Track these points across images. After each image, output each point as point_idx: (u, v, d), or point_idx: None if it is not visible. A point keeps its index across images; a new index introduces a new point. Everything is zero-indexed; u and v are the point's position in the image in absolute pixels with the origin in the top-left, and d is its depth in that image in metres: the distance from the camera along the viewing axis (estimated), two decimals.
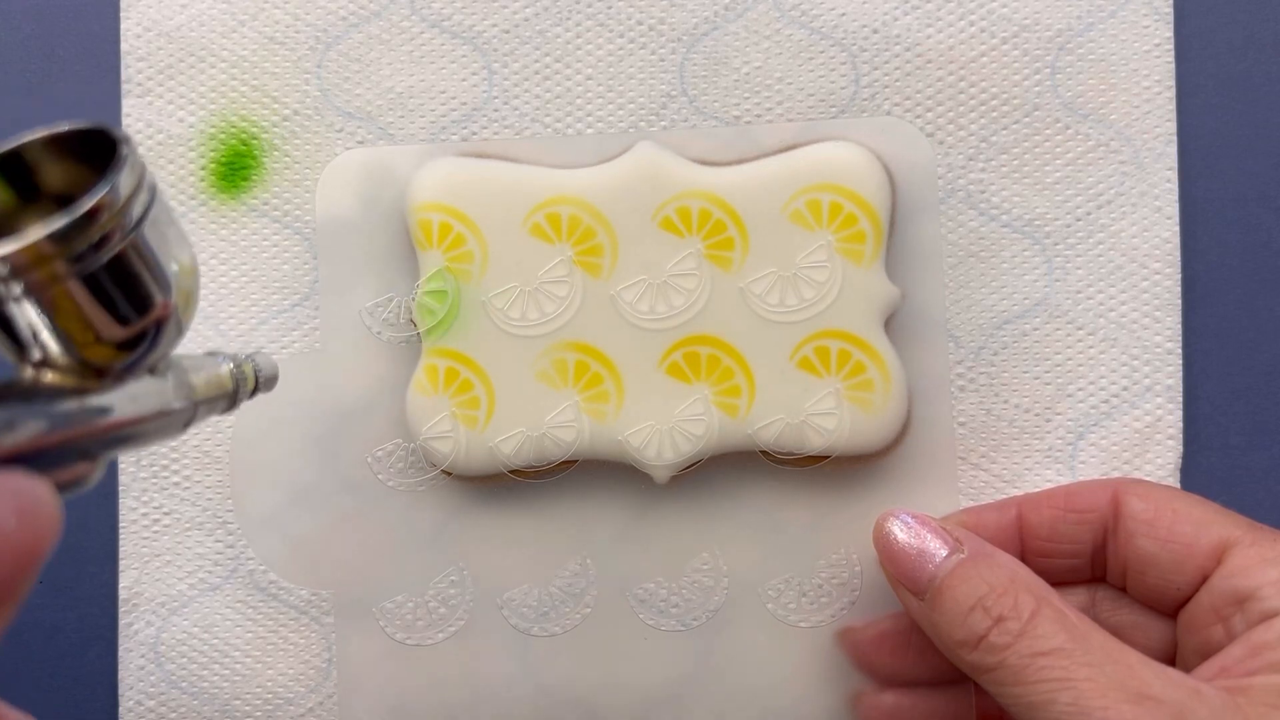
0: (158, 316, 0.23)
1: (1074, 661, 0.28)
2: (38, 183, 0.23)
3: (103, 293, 0.21)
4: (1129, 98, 0.36)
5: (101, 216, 0.21)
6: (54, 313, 0.21)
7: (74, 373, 0.22)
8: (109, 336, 0.22)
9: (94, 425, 0.22)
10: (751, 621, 0.37)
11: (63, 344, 0.21)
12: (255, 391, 0.28)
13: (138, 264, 0.22)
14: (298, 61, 0.38)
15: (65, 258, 0.20)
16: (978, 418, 0.37)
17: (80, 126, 0.22)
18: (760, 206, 0.35)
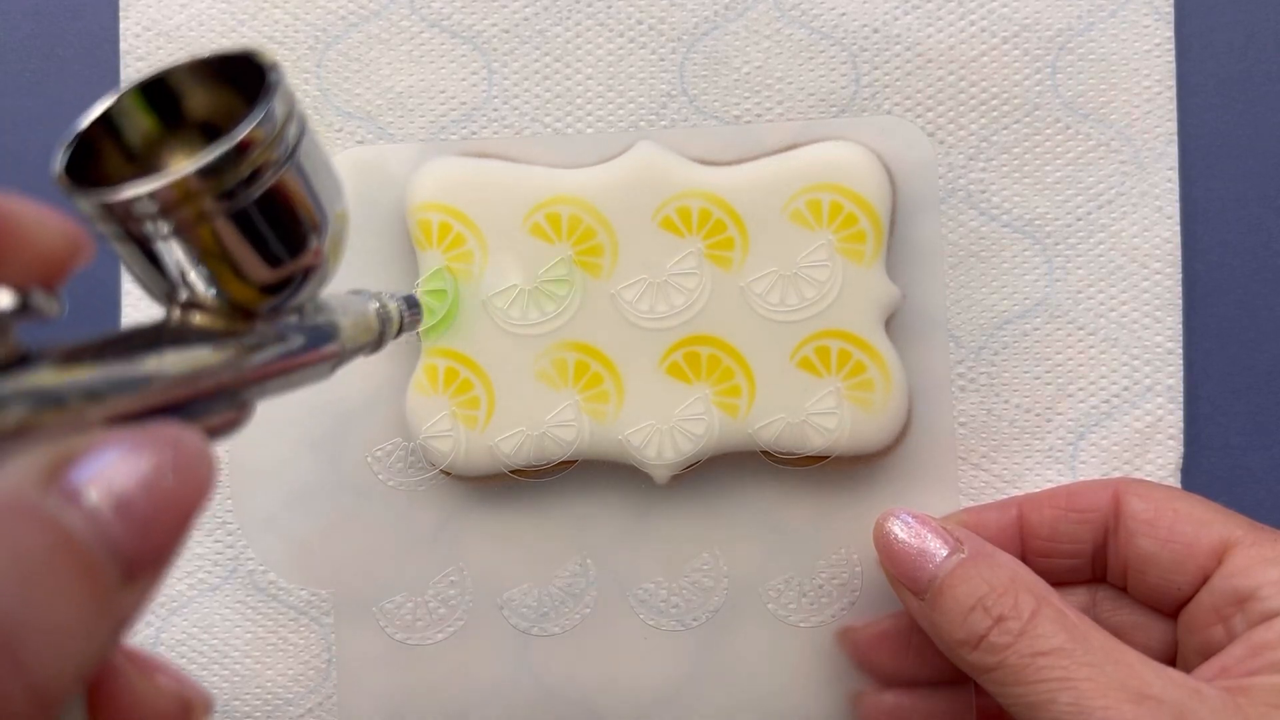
0: (308, 262, 0.22)
1: (1074, 661, 0.28)
2: (183, 110, 0.21)
3: (254, 231, 0.20)
4: (1130, 97, 0.36)
5: (254, 149, 0.19)
6: (202, 252, 0.20)
7: (222, 314, 0.21)
8: (258, 278, 0.21)
9: (244, 370, 0.21)
10: (752, 622, 0.37)
11: (211, 284, 0.20)
12: (400, 331, 0.27)
13: (290, 200, 0.21)
14: (297, 61, 0.38)
15: (215, 194, 0.19)
16: (978, 418, 0.37)
17: (227, 52, 0.21)
18: (760, 206, 0.35)
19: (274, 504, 0.37)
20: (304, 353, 0.23)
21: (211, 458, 0.18)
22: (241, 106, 0.21)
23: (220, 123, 0.21)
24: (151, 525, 0.17)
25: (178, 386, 0.19)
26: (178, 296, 0.21)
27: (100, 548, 0.16)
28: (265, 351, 0.21)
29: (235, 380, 0.21)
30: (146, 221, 0.19)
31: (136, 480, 0.16)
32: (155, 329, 0.20)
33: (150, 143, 0.21)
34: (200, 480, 0.17)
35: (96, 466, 0.16)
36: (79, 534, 0.16)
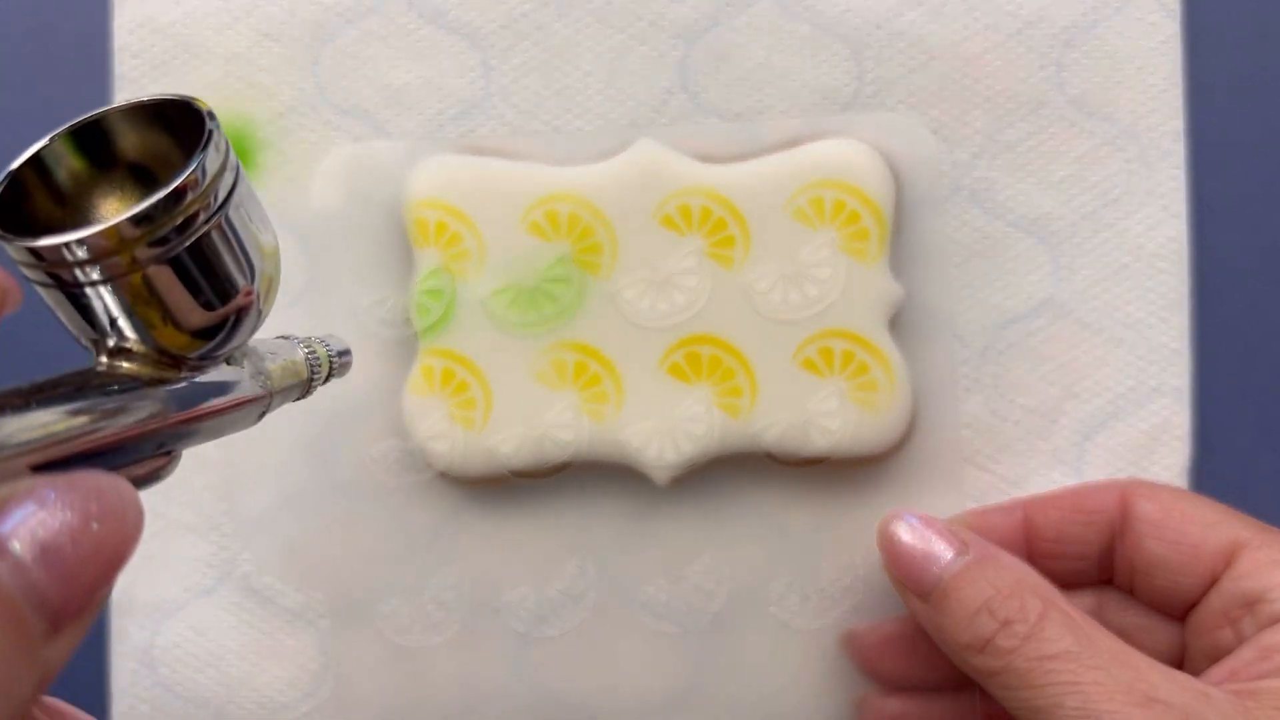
0: (240, 303, 0.22)
1: (1081, 665, 0.28)
2: (113, 151, 0.21)
3: (185, 278, 0.20)
4: (1136, 94, 0.36)
5: (186, 198, 0.19)
6: (133, 299, 0.20)
7: (151, 361, 0.21)
8: (189, 324, 0.21)
9: (172, 418, 0.21)
10: (754, 625, 0.37)
11: (140, 331, 0.20)
12: (329, 376, 0.27)
13: (222, 248, 0.21)
14: (293, 57, 0.37)
15: (147, 242, 0.19)
16: (983, 418, 0.37)
17: (162, 98, 0.21)
18: (762, 204, 0.35)
19: (269, 506, 0.37)
20: (231, 400, 0.23)
21: (139, 506, 0.18)
22: (174, 150, 0.21)
23: (151, 165, 0.22)
24: (77, 576, 0.17)
25: (104, 435, 0.19)
26: (105, 343, 0.21)
27: (25, 599, 0.16)
28: (193, 399, 0.22)
29: (162, 428, 0.21)
30: (76, 269, 0.19)
31: (61, 530, 0.16)
32: (82, 375, 0.20)
33: (79, 184, 0.21)
34: (126, 529, 0.17)
35: (21, 517, 0.16)
36: (4, 585, 0.16)
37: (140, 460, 0.20)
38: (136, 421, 0.20)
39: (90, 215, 0.21)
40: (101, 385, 0.20)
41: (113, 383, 0.20)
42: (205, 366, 0.22)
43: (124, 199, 0.21)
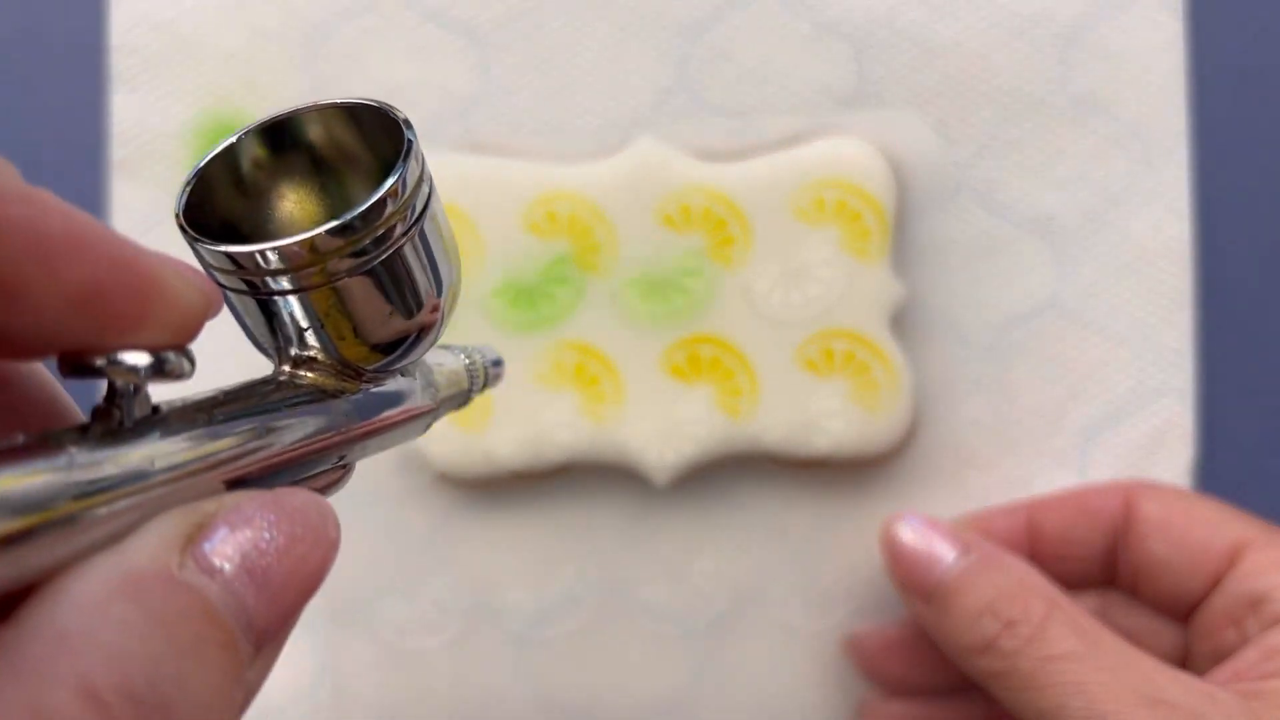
0: (426, 319, 0.21)
1: (1086, 666, 0.28)
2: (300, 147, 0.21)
3: (377, 292, 0.20)
4: (1140, 92, 0.36)
5: (387, 210, 0.19)
6: (322, 311, 0.20)
7: (332, 373, 0.20)
8: (375, 338, 0.20)
9: (353, 430, 0.21)
10: (755, 628, 0.37)
11: (326, 343, 0.20)
12: (485, 386, 0.27)
13: (414, 262, 0.20)
14: (290, 55, 0.37)
15: (344, 254, 0.19)
16: (986, 419, 0.36)
17: (357, 102, 0.21)
18: (764, 203, 0.35)
19: None
20: (406, 411, 0.22)
21: (337, 523, 0.18)
22: (364, 154, 0.21)
23: (337, 166, 0.21)
24: (281, 596, 0.16)
25: (292, 448, 0.19)
26: (288, 352, 0.20)
27: (236, 619, 0.16)
28: (370, 410, 0.21)
29: (345, 440, 0.20)
30: (269, 277, 0.19)
31: (268, 550, 0.16)
32: (267, 387, 0.20)
33: (263, 177, 0.21)
34: (327, 548, 0.17)
35: (229, 535, 0.16)
36: (218, 605, 0.15)
37: (321, 473, 0.20)
38: (321, 433, 0.20)
39: (273, 210, 0.21)
40: (286, 397, 0.20)
41: (296, 394, 0.20)
42: (382, 378, 0.22)
43: (306, 196, 0.21)
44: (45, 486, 0.14)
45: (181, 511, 0.16)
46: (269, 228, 0.21)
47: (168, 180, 0.37)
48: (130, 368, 0.16)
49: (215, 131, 0.37)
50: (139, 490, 0.16)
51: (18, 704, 0.12)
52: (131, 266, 0.16)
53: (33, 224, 0.14)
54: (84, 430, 0.16)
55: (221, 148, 0.20)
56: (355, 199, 0.21)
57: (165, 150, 0.37)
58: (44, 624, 0.14)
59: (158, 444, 0.16)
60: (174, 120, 0.37)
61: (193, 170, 0.20)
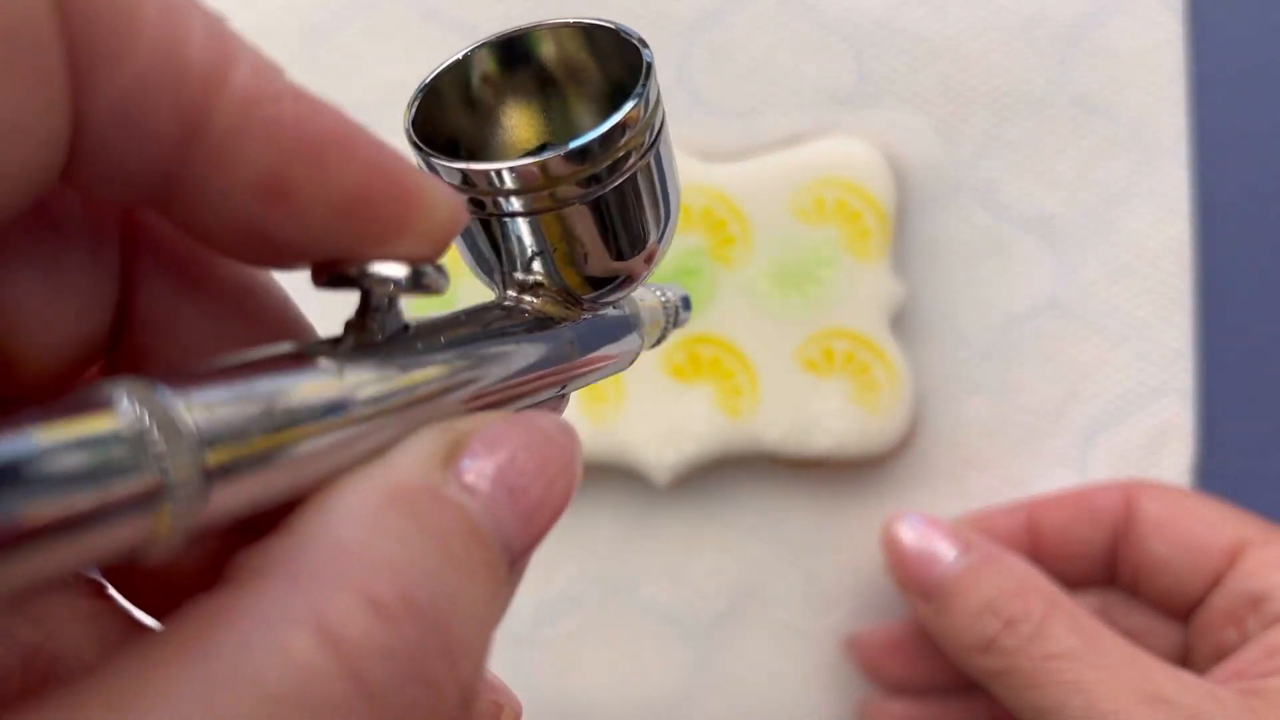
0: (650, 249, 0.21)
1: (1086, 664, 0.28)
2: (530, 62, 0.20)
3: (606, 220, 0.19)
4: (1140, 92, 0.36)
5: (625, 135, 0.18)
6: (551, 236, 0.19)
7: (557, 299, 0.20)
8: (600, 267, 0.20)
9: (577, 359, 0.20)
10: (755, 627, 0.37)
11: (551, 269, 0.19)
12: (676, 324, 0.26)
13: (644, 191, 0.20)
14: (290, 55, 0.37)
15: (578, 179, 0.18)
16: (986, 419, 0.36)
17: (590, 22, 0.20)
18: (764, 202, 0.35)
19: None
20: (622, 344, 0.22)
21: (580, 448, 0.17)
22: (594, 73, 0.20)
23: (560, 78, 0.20)
24: (535, 518, 0.16)
25: (526, 374, 0.18)
26: (513, 277, 0.20)
27: (495, 538, 0.15)
28: (592, 339, 0.21)
29: (571, 366, 0.20)
30: (500, 198, 0.19)
31: (524, 470, 0.16)
32: (495, 312, 0.19)
33: (491, 90, 0.20)
34: (575, 472, 0.17)
35: (486, 454, 0.16)
36: (480, 523, 0.15)
37: (545, 401, 0.19)
38: (550, 360, 0.19)
39: (498, 127, 0.20)
40: (515, 323, 0.19)
41: (523, 320, 0.19)
42: (600, 308, 0.21)
43: (533, 114, 0.20)
44: (320, 396, 0.14)
45: (439, 429, 0.16)
46: (493, 144, 0.20)
47: None
48: (389, 279, 0.15)
49: None
50: (399, 406, 0.15)
51: (301, 609, 0.12)
52: (397, 173, 0.15)
53: (306, 123, 0.14)
54: (336, 343, 0.15)
55: (452, 60, 0.20)
56: (581, 121, 0.20)
57: None
58: (319, 534, 0.14)
59: (412, 360, 0.16)
60: None
61: (422, 82, 0.19)
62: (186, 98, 0.13)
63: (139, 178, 0.14)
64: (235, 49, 0.14)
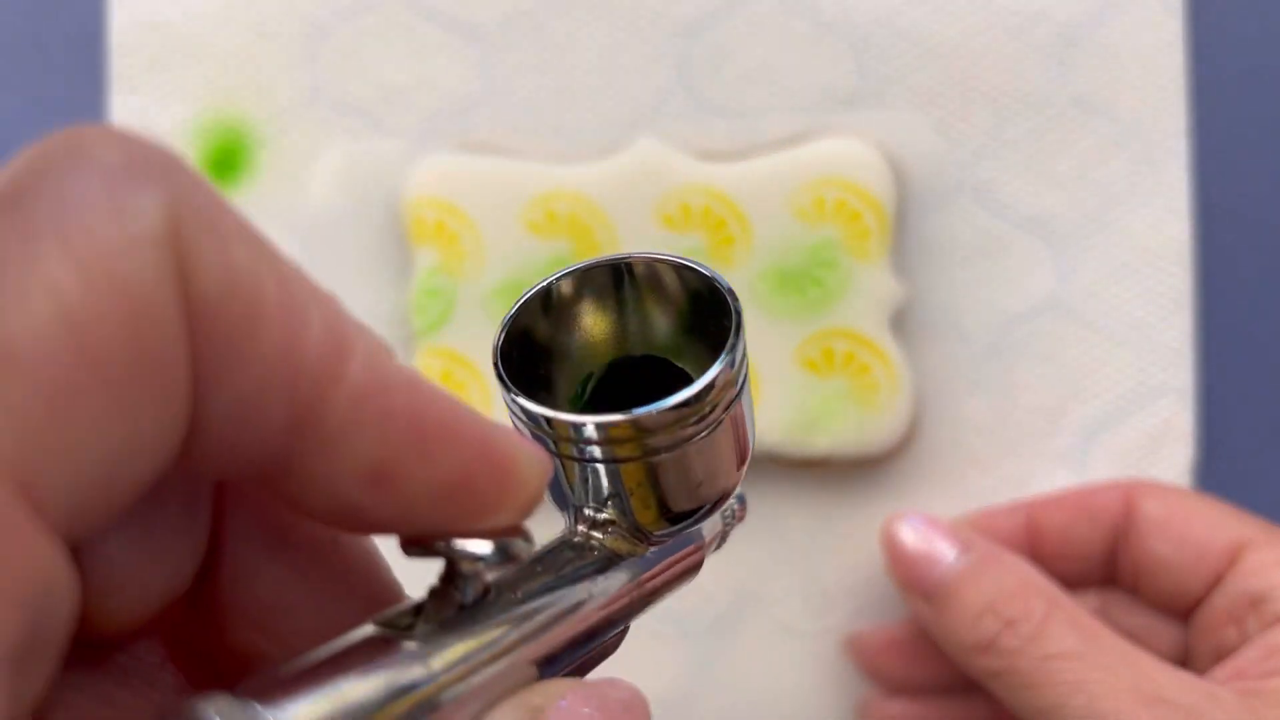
0: (727, 486, 0.20)
1: (1086, 664, 0.28)
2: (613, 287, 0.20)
3: (688, 468, 0.19)
4: (1140, 92, 0.36)
5: (713, 392, 0.18)
6: (630, 484, 0.19)
7: (626, 537, 0.20)
8: (676, 509, 0.20)
9: (640, 594, 0.20)
10: (755, 627, 0.37)
11: (625, 510, 0.19)
12: (736, 522, 0.26)
13: (725, 440, 0.20)
14: (290, 55, 0.37)
15: (664, 434, 0.18)
16: (986, 419, 0.36)
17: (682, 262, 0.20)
18: (764, 202, 0.35)
19: None
20: (682, 568, 0.22)
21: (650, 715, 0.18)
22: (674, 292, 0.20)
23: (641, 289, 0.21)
24: None
25: (592, 618, 0.19)
26: (584, 513, 0.20)
27: None
28: (658, 573, 0.21)
29: (630, 606, 0.20)
30: (583, 445, 0.19)
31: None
32: (566, 553, 0.19)
33: (565, 302, 0.20)
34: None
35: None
36: None
37: (608, 639, 0.20)
38: (615, 601, 0.19)
39: (578, 327, 0.20)
40: (585, 564, 0.19)
41: (592, 560, 0.19)
42: (668, 540, 0.21)
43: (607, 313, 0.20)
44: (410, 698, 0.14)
45: (514, 706, 0.16)
46: (571, 349, 0.20)
47: None
48: (476, 555, 0.16)
49: (215, 131, 0.37)
50: (483, 683, 0.16)
51: None
52: (495, 453, 0.16)
53: (416, 414, 0.14)
54: (419, 611, 0.16)
55: (539, 287, 0.20)
56: (656, 327, 0.20)
57: None
58: None
59: (494, 629, 0.16)
60: (174, 120, 0.37)
61: (509, 313, 0.19)
62: (302, 394, 0.14)
63: (247, 462, 0.14)
64: (351, 338, 0.14)
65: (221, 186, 0.37)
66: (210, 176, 0.37)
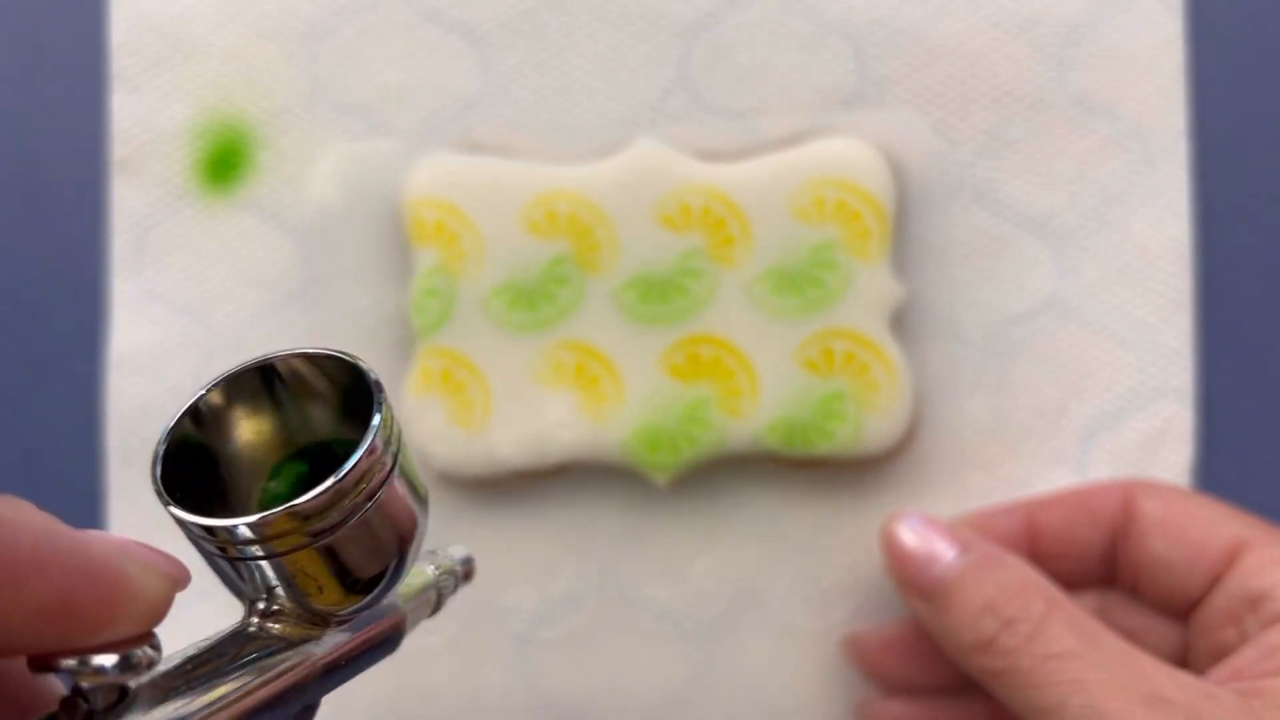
0: (395, 566, 0.21)
1: (1085, 664, 0.28)
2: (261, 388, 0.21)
3: (348, 551, 0.20)
4: (1140, 92, 0.36)
5: (353, 482, 0.19)
6: (293, 572, 0.20)
7: (301, 622, 0.21)
8: (346, 590, 0.21)
9: (315, 676, 0.21)
10: (755, 627, 0.37)
11: (295, 598, 0.20)
12: (457, 588, 0.27)
13: (384, 520, 0.20)
14: (289, 55, 0.37)
15: (314, 525, 0.19)
16: (986, 419, 0.36)
17: (324, 353, 0.21)
18: (764, 202, 0.35)
19: None
20: (370, 643, 0.23)
21: None
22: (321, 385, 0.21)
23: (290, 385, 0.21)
24: None
25: (263, 703, 0.19)
26: (256, 605, 0.21)
27: None
28: (337, 650, 0.21)
29: (304, 688, 0.21)
30: (241, 545, 0.19)
31: None
32: (234, 644, 0.20)
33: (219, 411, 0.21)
34: None
35: None
36: None
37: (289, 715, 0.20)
38: (287, 681, 0.20)
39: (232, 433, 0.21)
40: (254, 651, 0.20)
41: (264, 646, 0.20)
42: (350, 619, 0.22)
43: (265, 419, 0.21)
44: None
45: None
46: (232, 447, 0.21)
47: (168, 179, 0.37)
48: (97, 669, 0.17)
49: (215, 131, 0.37)
50: None
51: None
52: (97, 573, 0.17)
53: (2, 546, 0.15)
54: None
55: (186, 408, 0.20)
56: (315, 420, 0.21)
57: (165, 150, 0.37)
58: None
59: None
60: (174, 119, 0.37)
61: (163, 433, 0.20)
62: None
63: None
64: None
65: (221, 187, 0.37)
66: (210, 177, 0.37)
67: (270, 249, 0.37)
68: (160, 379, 0.37)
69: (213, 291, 0.37)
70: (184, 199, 0.37)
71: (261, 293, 0.37)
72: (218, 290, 0.37)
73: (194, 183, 0.37)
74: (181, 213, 0.37)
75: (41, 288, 0.39)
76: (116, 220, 0.37)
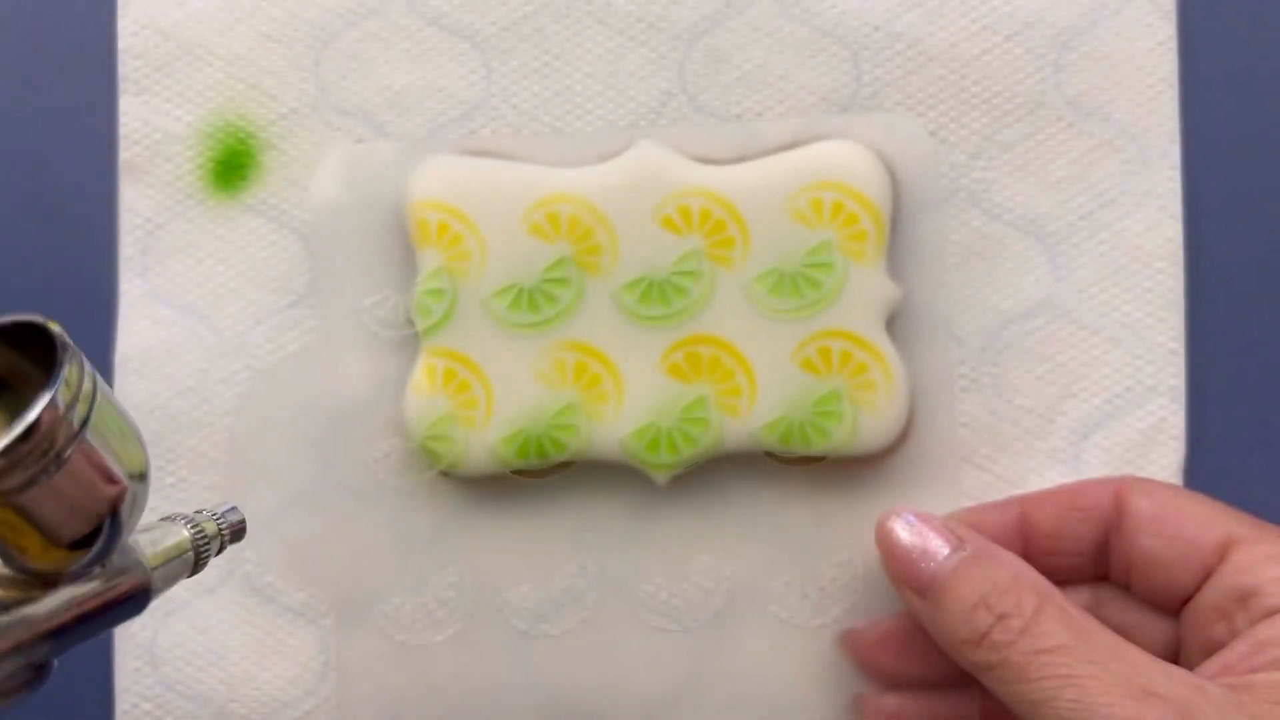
0: (110, 527, 0.21)
1: (1077, 659, 0.28)
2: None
3: (44, 511, 0.20)
4: (1133, 95, 0.36)
5: (40, 433, 0.19)
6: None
7: (16, 584, 0.21)
8: (58, 545, 0.20)
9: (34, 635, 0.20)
10: (753, 624, 0.37)
11: (9, 558, 0.20)
12: (222, 548, 0.27)
13: (78, 480, 0.20)
14: (295, 59, 0.37)
15: (5, 478, 0.19)
16: (981, 418, 0.37)
17: (16, 319, 0.20)
18: (762, 205, 0.35)
19: (272, 505, 0.37)
20: (104, 602, 0.22)
21: None
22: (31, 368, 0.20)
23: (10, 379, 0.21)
24: None
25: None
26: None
27: None
28: (55, 616, 0.21)
29: (24, 642, 0.20)
30: None
31: None
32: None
33: None
34: None
35: None
36: None
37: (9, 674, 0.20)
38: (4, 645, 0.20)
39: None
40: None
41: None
42: (80, 576, 0.21)
43: None
44: None
45: None
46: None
47: (174, 182, 0.38)
48: None
49: (221, 135, 0.38)
50: None
51: None
52: None
53: None
54: None
55: None
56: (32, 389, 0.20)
57: (172, 153, 0.38)
58: None
59: None
60: (181, 123, 0.38)
61: None
62: None
63: None
64: None
65: (227, 190, 0.38)
66: (216, 180, 0.38)
67: (275, 251, 0.38)
68: (166, 379, 0.37)
69: (218, 292, 0.38)
70: (190, 201, 0.38)
71: (266, 294, 0.38)
72: (223, 291, 0.38)
73: (200, 185, 0.38)
74: (187, 215, 0.38)
75: (49, 288, 0.39)
76: (123, 222, 0.38)
